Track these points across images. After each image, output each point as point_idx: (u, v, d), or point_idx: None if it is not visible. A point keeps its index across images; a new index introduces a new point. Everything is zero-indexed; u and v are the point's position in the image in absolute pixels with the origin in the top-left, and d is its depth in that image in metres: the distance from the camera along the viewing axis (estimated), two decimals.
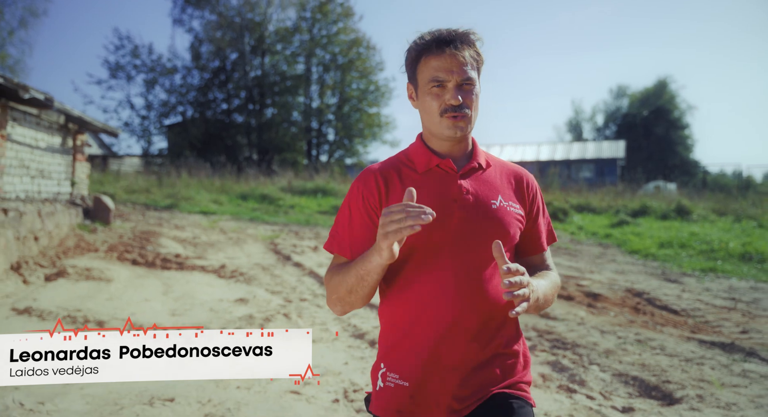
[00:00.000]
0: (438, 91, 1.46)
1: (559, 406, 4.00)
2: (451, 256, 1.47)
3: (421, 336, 1.48)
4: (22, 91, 7.02)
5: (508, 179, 1.60)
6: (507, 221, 1.51)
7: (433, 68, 1.46)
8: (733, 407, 4.03)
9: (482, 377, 1.48)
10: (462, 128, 1.48)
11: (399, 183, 1.53)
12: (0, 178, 7.35)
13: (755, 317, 6.28)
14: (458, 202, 1.49)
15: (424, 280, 1.48)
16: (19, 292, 6.66)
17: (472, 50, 1.47)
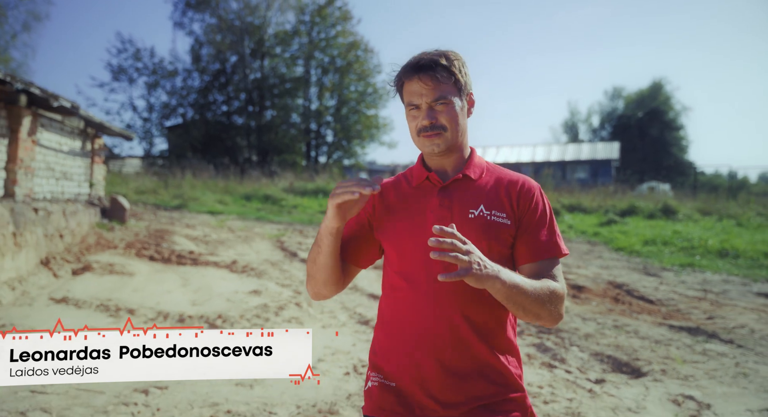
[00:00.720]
0: (415, 113, 1.56)
1: (540, 378, 4.62)
2: (426, 265, 1.51)
3: (401, 340, 1.54)
4: (52, 99, 7.62)
5: (499, 188, 1.61)
6: (483, 230, 1.53)
7: (408, 93, 1.57)
8: (690, 378, 4.67)
9: (466, 387, 1.51)
10: (438, 145, 1.56)
11: (394, 196, 1.64)
12: (31, 180, 7.96)
13: (721, 306, 6.93)
14: (434, 213, 1.56)
15: (404, 287, 1.55)
16: (52, 284, 7.26)
17: (443, 72, 1.54)
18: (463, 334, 1.50)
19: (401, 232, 1.57)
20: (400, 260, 1.57)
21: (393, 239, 1.58)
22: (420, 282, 1.53)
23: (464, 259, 1.30)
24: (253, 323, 5.99)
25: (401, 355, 1.53)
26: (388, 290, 1.61)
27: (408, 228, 1.57)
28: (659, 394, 4.36)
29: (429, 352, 1.50)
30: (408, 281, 1.54)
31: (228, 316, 6.16)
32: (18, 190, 7.64)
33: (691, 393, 4.36)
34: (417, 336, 1.51)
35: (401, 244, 1.56)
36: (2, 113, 7.29)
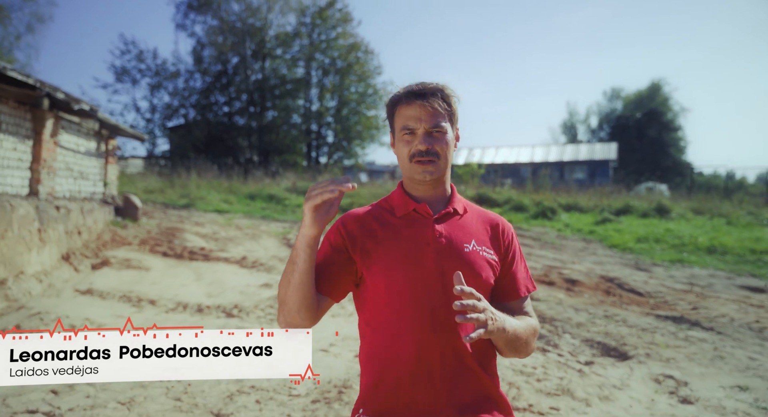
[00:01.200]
0: (409, 138, 1.56)
1: (534, 361, 5.04)
2: (425, 296, 1.50)
3: (392, 375, 1.51)
4: (74, 103, 8.04)
5: (484, 226, 1.64)
6: (480, 265, 1.54)
7: (404, 117, 1.56)
8: (671, 361, 5.10)
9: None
10: (431, 172, 1.56)
11: (378, 225, 1.61)
12: (53, 179, 8.37)
13: (706, 298, 7.37)
14: (432, 245, 1.54)
15: (398, 320, 1.51)
16: (74, 278, 7.68)
17: (442, 102, 1.56)
18: (461, 366, 1.50)
19: (399, 265, 1.52)
20: (393, 292, 1.52)
21: (385, 272, 1.53)
22: (420, 315, 1.49)
23: (482, 319, 1.32)
24: (266, 312, 6.41)
25: (394, 390, 1.50)
26: (379, 327, 1.54)
27: (403, 260, 1.52)
28: (642, 374, 4.78)
29: (428, 385, 1.47)
30: (405, 315, 1.50)
31: (243, 306, 6.58)
32: (41, 188, 8.06)
33: (671, 373, 4.78)
34: (415, 369, 1.48)
35: (396, 275, 1.51)
36: (27, 116, 7.71)
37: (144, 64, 35.86)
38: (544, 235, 12.99)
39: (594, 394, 4.29)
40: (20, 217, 7.00)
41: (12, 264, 6.81)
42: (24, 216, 7.10)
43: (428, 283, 1.50)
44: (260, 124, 38.33)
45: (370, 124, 39.07)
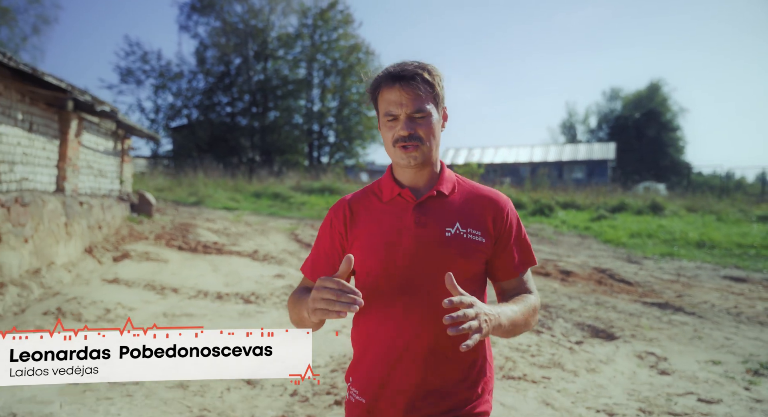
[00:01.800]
0: (391, 123, 1.53)
1: (529, 340, 5.54)
2: (403, 283, 1.50)
3: (376, 357, 1.53)
4: (97, 104, 8.54)
5: (473, 205, 1.60)
6: (460, 249, 1.52)
7: (386, 102, 1.53)
8: (654, 341, 5.60)
9: (434, 402, 1.51)
10: (414, 157, 1.53)
11: (365, 212, 1.61)
12: (76, 177, 8.87)
13: (691, 287, 7.87)
14: (411, 231, 1.53)
15: (379, 306, 1.52)
16: (98, 269, 8.17)
17: (424, 85, 1.52)
18: (435, 352, 1.50)
19: (375, 250, 1.54)
20: (372, 279, 1.54)
21: (366, 257, 1.55)
22: (393, 301, 1.50)
23: (475, 325, 1.30)
24: (282, 299, 6.91)
25: (374, 372, 1.53)
26: (364, 308, 1.53)
27: (382, 246, 1.54)
28: (627, 351, 5.28)
29: (401, 369, 1.50)
30: (382, 299, 1.52)
31: (259, 293, 7.07)
32: (67, 185, 8.56)
33: (653, 350, 5.28)
34: (390, 355, 1.51)
35: (375, 262, 1.53)
36: (55, 117, 8.21)
37: (148, 65, 36.36)
38: (542, 231, 13.50)
39: (582, 367, 4.79)
40: (50, 212, 7.49)
41: (44, 255, 7.31)
42: (53, 211, 7.60)
43: (404, 271, 1.50)
44: (262, 124, 38.82)
45: (371, 124, 39.54)
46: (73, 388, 3.93)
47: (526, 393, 4.17)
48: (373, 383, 1.53)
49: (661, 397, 4.17)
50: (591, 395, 4.17)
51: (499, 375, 4.52)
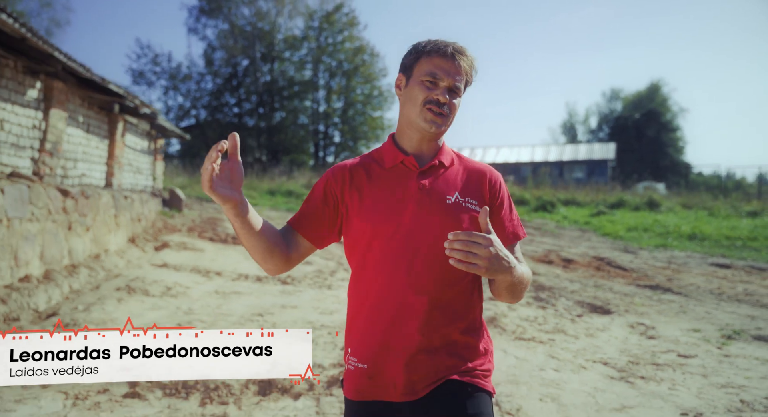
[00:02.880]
0: (430, 85, 1.55)
1: (536, 313, 6.39)
2: (404, 245, 1.53)
3: (375, 319, 1.55)
4: (141, 107, 9.40)
5: (470, 177, 1.66)
6: (460, 217, 1.56)
7: (434, 65, 1.55)
8: (644, 314, 6.45)
9: (436, 362, 1.53)
10: (438, 124, 1.57)
11: (366, 177, 1.63)
12: (121, 173, 9.74)
13: (680, 272, 8.73)
14: (414, 198, 1.57)
15: (379, 267, 1.55)
16: (143, 256, 9.03)
17: (469, 68, 1.59)
18: (436, 313, 1.53)
19: (380, 214, 1.57)
20: (376, 242, 1.56)
21: (370, 220, 1.57)
22: (397, 263, 1.53)
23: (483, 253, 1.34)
24: (314, 280, 7.77)
25: (375, 335, 1.55)
26: (361, 271, 1.60)
27: (386, 210, 1.57)
28: (621, 322, 6.13)
29: (403, 329, 1.52)
30: (384, 262, 1.55)
31: (294, 277, 7.92)
32: (114, 181, 9.42)
33: (643, 321, 6.13)
34: (391, 315, 1.53)
35: (379, 225, 1.56)
36: (105, 119, 9.07)
37: (159, 67, 37.20)
38: (544, 225, 14.36)
39: (582, 333, 5.64)
40: (104, 205, 8.35)
41: (100, 242, 8.17)
42: (106, 203, 8.46)
43: (407, 235, 1.54)
44: (269, 124, 39.64)
45: (375, 124, 40.35)
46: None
47: (536, 350, 5.03)
48: (373, 346, 1.54)
49: (647, 353, 5.02)
50: (589, 352, 5.03)
51: (511, 337, 5.38)
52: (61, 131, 7.19)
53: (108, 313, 5.47)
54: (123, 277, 7.18)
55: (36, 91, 6.63)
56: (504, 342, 5.22)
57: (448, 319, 1.55)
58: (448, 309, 1.55)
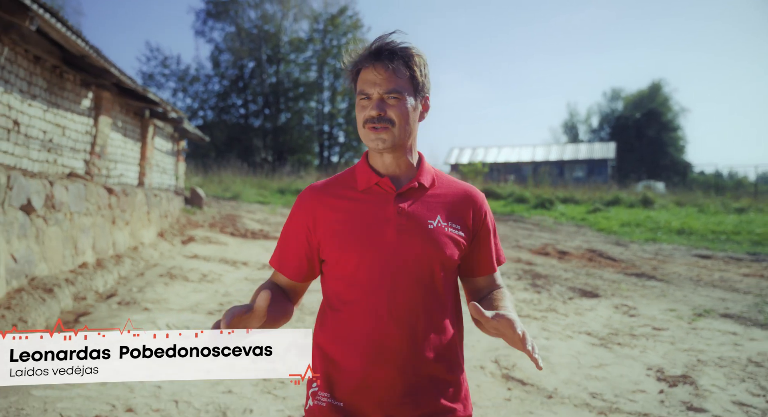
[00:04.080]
0: (364, 103, 1.46)
1: (531, 296, 7.20)
2: (384, 276, 1.44)
3: (352, 355, 1.46)
4: (169, 112, 10.24)
5: (453, 200, 1.56)
6: (443, 242, 1.47)
7: (361, 81, 1.46)
8: (628, 297, 7.26)
9: (416, 401, 1.45)
10: (383, 139, 1.45)
11: (337, 201, 1.52)
12: (151, 174, 10.58)
13: (665, 262, 9.54)
14: (392, 222, 1.47)
15: (357, 299, 1.46)
16: (173, 249, 9.85)
17: (402, 65, 1.45)
18: (420, 346, 1.44)
19: (357, 242, 1.46)
20: (354, 271, 1.46)
21: (347, 248, 1.47)
22: (376, 292, 1.43)
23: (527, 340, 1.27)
24: None
25: (354, 370, 1.45)
26: (337, 304, 1.49)
27: (364, 237, 1.46)
28: (606, 304, 6.94)
29: (386, 365, 1.43)
30: (364, 294, 1.45)
31: None
32: (145, 180, 10.26)
33: (626, 303, 6.94)
34: (374, 350, 1.43)
35: (357, 254, 1.45)
36: (138, 123, 9.91)
37: (168, 69, 38.07)
38: (543, 221, 15.17)
39: (571, 312, 6.46)
40: (138, 202, 9.18)
41: (136, 236, 9.01)
42: (140, 201, 9.29)
43: (387, 263, 1.44)
44: (275, 125, 40.50)
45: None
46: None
47: (530, 324, 5.84)
48: (350, 383, 1.45)
49: (626, 327, 5.84)
50: (576, 326, 5.84)
51: None
52: (107, 136, 8.03)
53: (159, 294, 6.30)
54: (161, 266, 8.01)
55: (88, 100, 7.47)
56: None
57: (430, 356, 1.46)
58: (429, 344, 1.46)
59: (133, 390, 3.74)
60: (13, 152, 5.79)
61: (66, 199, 6.27)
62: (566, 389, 4.09)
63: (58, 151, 6.76)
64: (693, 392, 3.99)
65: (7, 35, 5.33)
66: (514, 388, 4.12)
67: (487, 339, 5.32)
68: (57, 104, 6.69)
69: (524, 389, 4.10)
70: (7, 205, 5.07)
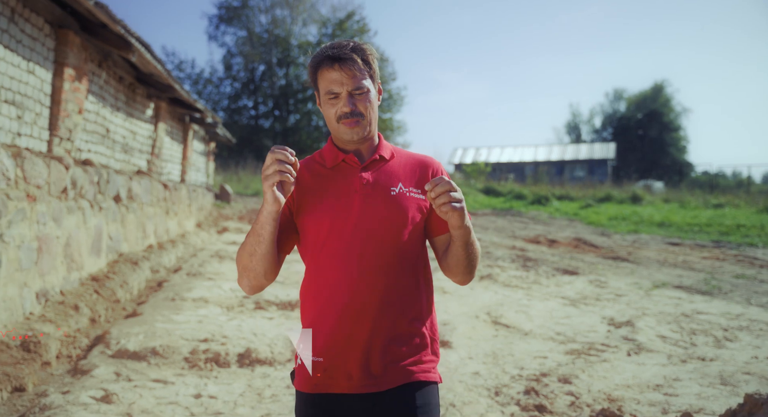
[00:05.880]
0: (333, 101, 1.59)
1: (521, 274, 8.61)
2: (354, 241, 1.56)
3: (327, 313, 1.57)
4: (206, 117, 11.71)
5: (412, 168, 1.70)
6: (405, 205, 1.61)
7: (327, 81, 1.58)
8: (602, 274, 8.67)
9: (389, 354, 1.57)
10: (358, 132, 1.61)
11: (310, 177, 1.65)
12: (189, 172, 12.04)
13: (639, 249, 10.95)
14: (359, 192, 1.60)
15: (330, 262, 1.58)
16: (210, 238, 11.31)
17: (361, 62, 1.59)
18: (387, 303, 1.57)
19: (327, 212, 1.59)
20: (327, 239, 1.59)
21: (319, 219, 1.59)
22: (347, 256, 1.56)
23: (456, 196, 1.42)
24: None
25: (330, 328, 1.57)
26: (314, 271, 1.61)
27: (334, 207, 1.59)
28: (583, 279, 8.35)
29: (358, 321, 1.55)
30: (334, 257, 1.57)
31: None
32: (186, 177, 11.72)
33: (599, 279, 8.35)
34: (346, 308, 1.55)
35: (329, 223, 1.58)
36: (180, 127, 11.37)
37: (183, 73, 39.53)
38: (538, 216, 16.60)
39: (552, 285, 7.87)
40: (183, 196, 10.64)
41: (182, 225, 10.46)
42: (184, 195, 10.75)
43: (355, 229, 1.57)
44: (284, 126, 41.89)
45: (385, 126, 42.41)
46: None
47: (517, 291, 7.27)
48: (327, 340, 1.57)
49: (594, 294, 7.25)
50: (554, 293, 7.26)
51: (502, 286, 7.61)
52: (163, 139, 9.49)
53: (216, 269, 7.75)
54: (208, 250, 9.47)
55: (151, 110, 8.93)
56: (496, 287, 7.47)
57: (399, 311, 1.59)
58: (398, 300, 1.59)
59: (222, 326, 5.20)
60: (105, 153, 7.25)
61: (138, 192, 7.72)
62: (539, 330, 5.51)
63: (130, 152, 8.22)
64: (630, 330, 5.41)
65: (105, 62, 6.80)
66: (500, 329, 5.55)
67: (482, 298, 6.76)
68: (131, 114, 8.15)
69: (508, 330, 5.52)
70: (105, 196, 6.52)
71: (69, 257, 5.41)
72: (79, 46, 5.76)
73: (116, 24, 5.43)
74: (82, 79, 5.94)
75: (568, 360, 4.55)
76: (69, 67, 5.61)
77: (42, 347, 4.11)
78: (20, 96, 5.06)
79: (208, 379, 4.00)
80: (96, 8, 4.88)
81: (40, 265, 4.78)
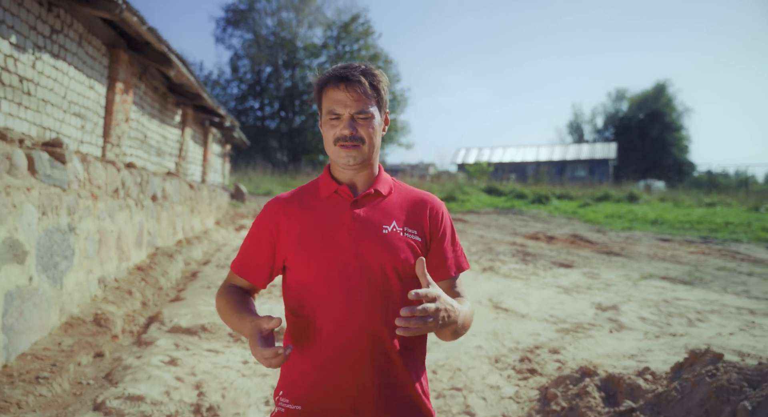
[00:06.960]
0: (334, 122, 1.53)
1: (521, 266, 9.33)
2: (341, 280, 1.49)
3: (313, 359, 1.50)
4: (227, 122, 12.46)
5: (410, 206, 1.62)
6: (397, 246, 1.53)
7: (330, 101, 1.53)
8: (596, 267, 9.38)
9: (378, 402, 1.49)
10: (354, 157, 1.54)
11: (299, 208, 1.59)
12: (209, 173, 12.79)
13: (632, 245, 11.67)
14: (347, 228, 1.53)
15: (315, 303, 1.51)
16: (228, 234, 12.05)
17: (369, 87, 1.53)
18: (376, 350, 1.49)
19: (315, 247, 1.52)
20: (313, 276, 1.51)
21: (306, 254, 1.53)
22: (334, 297, 1.48)
23: (430, 323, 1.29)
24: None
25: (310, 375, 1.49)
26: (298, 309, 1.54)
27: (322, 242, 1.52)
28: (578, 272, 9.07)
29: (341, 369, 1.47)
30: (320, 297, 1.50)
31: None
32: (207, 178, 12.48)
33: (593, 271, 9.07)
34: (336, 352, 1.47)
35: (316, 258, 1.51)
36: (201, 131, 12.13)
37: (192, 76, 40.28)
38: (538, 214, 17.33)
39: (549, 276, 8.60)
40: (204, 196, 11.39)
41: (204, 224, 11.22)
42: (205, 195, 11.50)
43: (343, 267, 1.49)
44: (290, 127, 42.64)
45: (389, 127, 43.03)
46: None
47: (516, 282, 8.00)
48: (310, 387, 1.49)
49: (586, 284, 7.97)
50: (550, 283, 7.98)
51: (502, 277, 8.34)
52: (188, 143, 10.25)
53: None
54: (230, 245, 10.22)
55: (179, 116, 9.69)
56: (498, 278, 8.20)
57: (389, 357, 1.51)
58: (388, 344, 1.50)
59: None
60: (142, 157, 8.00)
61: (170, 191, 8.47)
62: (535, 313, 6.24)
63: (162, 155, 8.98)
64: (615, 313, 6.13)
65: (144, 75, 7.56)
66: (500, 313, 6.28)
67: (484, 287, 7.50)
68: (163, 121, 8.91)
69: (507, 314, 6.26)
70: (145, 195, 7.27)
71: (120, 249, 6.16)
72: (127, 63, 6.52)
73: (161, 43, 6.18)
74: (129, 91, 6.70)
75: (558, 336, 5.28)
76: (119, 81, 6.37)
77: (110, 323, 4.86)
78: (84, 109, 5.82)
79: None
80: (148, 32, 5.63)
81: (100, 255, 5.53)
